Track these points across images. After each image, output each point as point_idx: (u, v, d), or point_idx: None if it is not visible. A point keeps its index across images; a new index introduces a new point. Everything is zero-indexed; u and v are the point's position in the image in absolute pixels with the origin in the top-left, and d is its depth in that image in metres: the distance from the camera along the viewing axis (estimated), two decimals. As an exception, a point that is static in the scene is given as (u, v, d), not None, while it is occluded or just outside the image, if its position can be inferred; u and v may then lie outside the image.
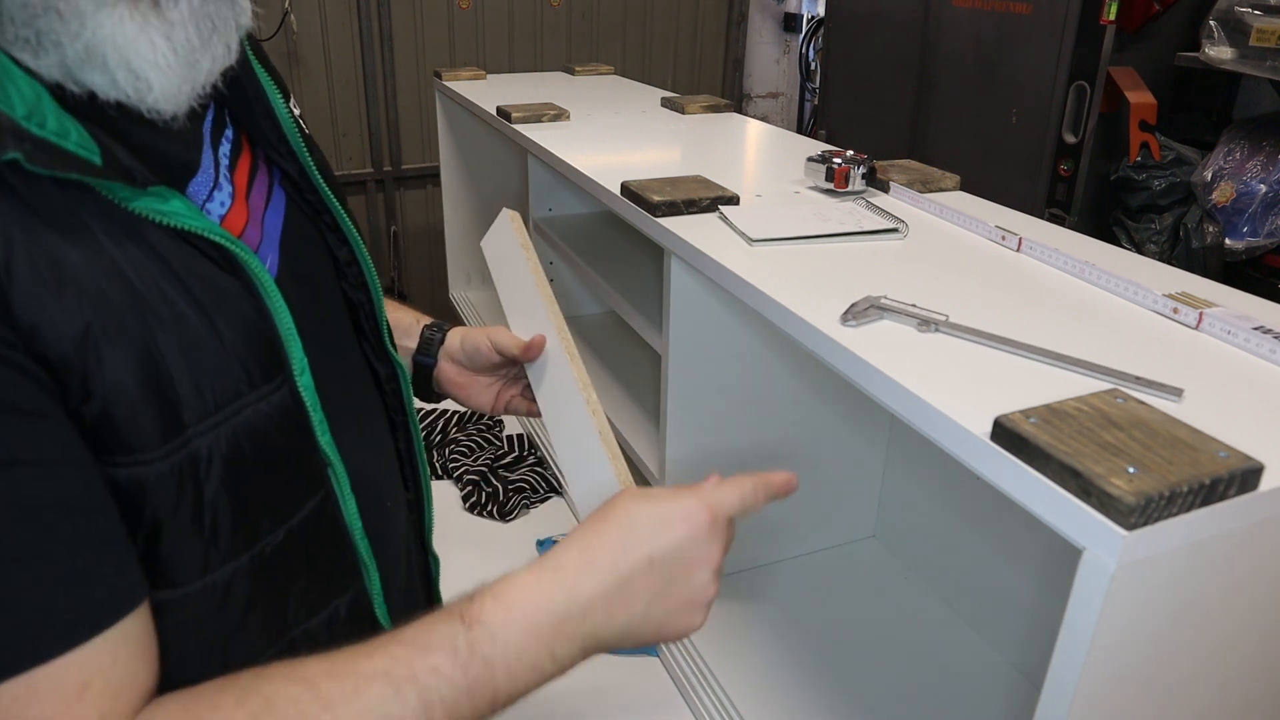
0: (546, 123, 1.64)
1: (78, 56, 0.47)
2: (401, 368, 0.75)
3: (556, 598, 0.55)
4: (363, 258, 0.70)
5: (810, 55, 3.93)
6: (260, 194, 0.62)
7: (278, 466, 0.56)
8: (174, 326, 0.49)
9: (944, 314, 0.79)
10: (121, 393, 0.47)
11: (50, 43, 0.46)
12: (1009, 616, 1.16)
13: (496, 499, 1.56)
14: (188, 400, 0.50)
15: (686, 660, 1.16)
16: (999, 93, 2.39)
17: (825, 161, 1.20)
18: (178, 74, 0.50)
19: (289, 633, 0.59)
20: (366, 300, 0.71)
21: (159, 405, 0.48)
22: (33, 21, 0.45)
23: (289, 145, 0.64)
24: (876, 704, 1.09)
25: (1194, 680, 0.63)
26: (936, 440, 0.65)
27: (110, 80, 0.48)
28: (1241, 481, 0.54)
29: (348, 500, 0.63)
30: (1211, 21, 2.01)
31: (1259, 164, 2.05)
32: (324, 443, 0.60)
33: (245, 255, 0.54)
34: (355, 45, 3.17)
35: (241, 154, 0.61)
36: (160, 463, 0.49)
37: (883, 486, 1.37)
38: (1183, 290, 0.85)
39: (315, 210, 0.67)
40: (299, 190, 0.66)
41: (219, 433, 0.51)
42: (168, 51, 0.49)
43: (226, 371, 0.52)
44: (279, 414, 0.56)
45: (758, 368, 1.17)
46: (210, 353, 0.51)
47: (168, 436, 0.49)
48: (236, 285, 0.54)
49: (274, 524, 0.57)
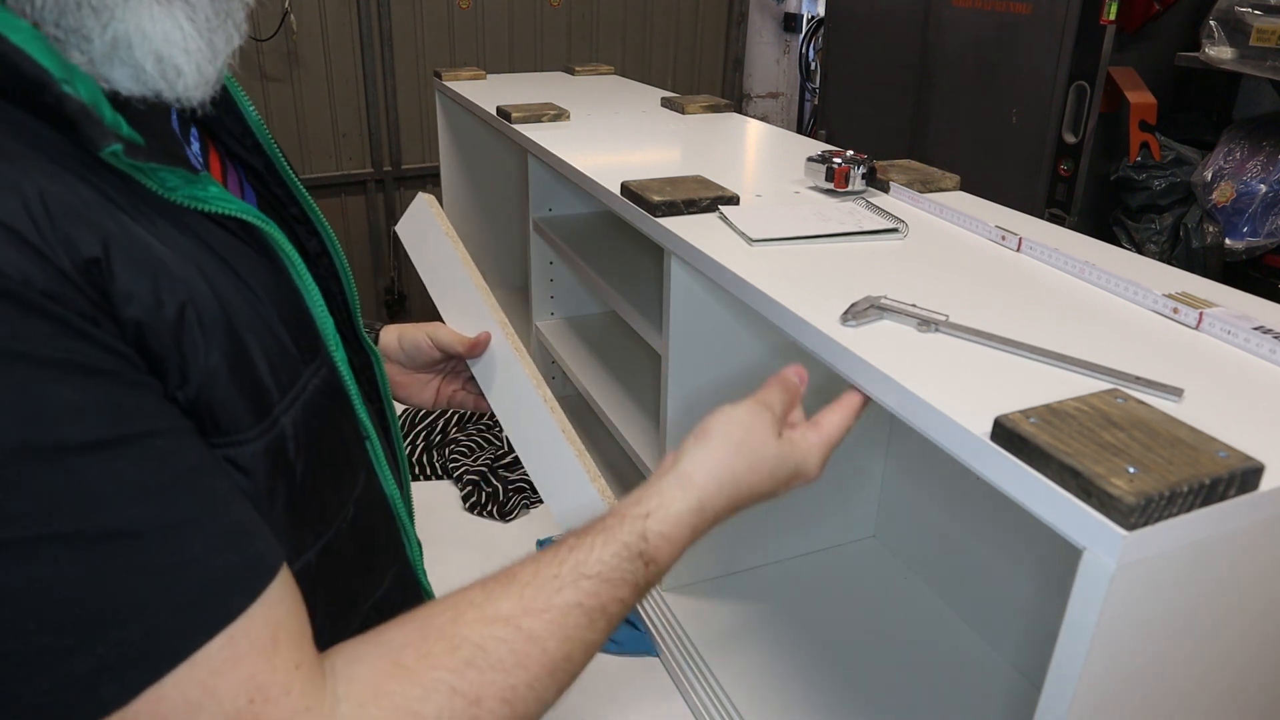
0: (546, 123, 1.64)
1: (104, 52, 0.46)
2: (376, 355, 0.76)
3: (700, 528, 0.63)
4: (333, 247, 0.70)
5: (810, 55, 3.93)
6: (235, 190, 0.62)
7: (337, 442, 0.59)
8: (241, 312, 0.50)
9: (944, 314, 0.79)
10: (215, 375, 0.48)
11: (80, 39, 0.46)
12: (1009, 616, 1.16)
13: (496, 499, 1.56)
14: (267, 380, 0.51)
15: (686, 660, 1.16)
16: (999, 93, 2.39)
17: (825, 161, 1.20)
18: (204, 57, 0.50)
19: (358, 607, 0.62)
20: (339, 290, 0.71)
21: (248, 385, 0.50)
22: (62, 18, 0.45)
23: (254, 139, 0.64)
24: (876, 704, 1.09)
25: (1194, 680, 0.63)
26: (936, 440, 0.65)
27: (136, 74, 0.48)
28: (1241, 481, 0.54)
29: (385, 470, 0.66)
30: (1211, 21, 2.01)
31: (1259, 164, 2.05)
32: (363, 416, 0.63)
33: (278, 235, 0.55)
34: (355, 45, 3.17)
35: (209, 152, 0.62)
36: (255, 442, 0.50)
37: (883, 486, 1.37)
38: (1183, 290, 0.85)
39: (282, 203, 0.67)
40: (265, 186, 0.66)
41: (295, 411, 0.53)
42: (193, 34, 0.49)
43: (286, 352, 0.54)
44: (327, 390, 0.58)
45: (758, 368, 1.17)
46: (272, 334, 0.53)
47: (259, 415, 0.50)
48: (271, 267, 0.55)
49: (343, 499, 0.59)
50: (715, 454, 0.64)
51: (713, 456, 0.64)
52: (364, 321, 0.89)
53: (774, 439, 0.67)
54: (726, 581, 1.29)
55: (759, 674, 1.13)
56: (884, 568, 1.34)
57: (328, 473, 0.57)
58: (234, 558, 0.45)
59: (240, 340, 0.49)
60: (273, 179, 0.66)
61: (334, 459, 0.58)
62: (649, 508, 0.61)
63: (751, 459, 0.65)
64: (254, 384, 0.50)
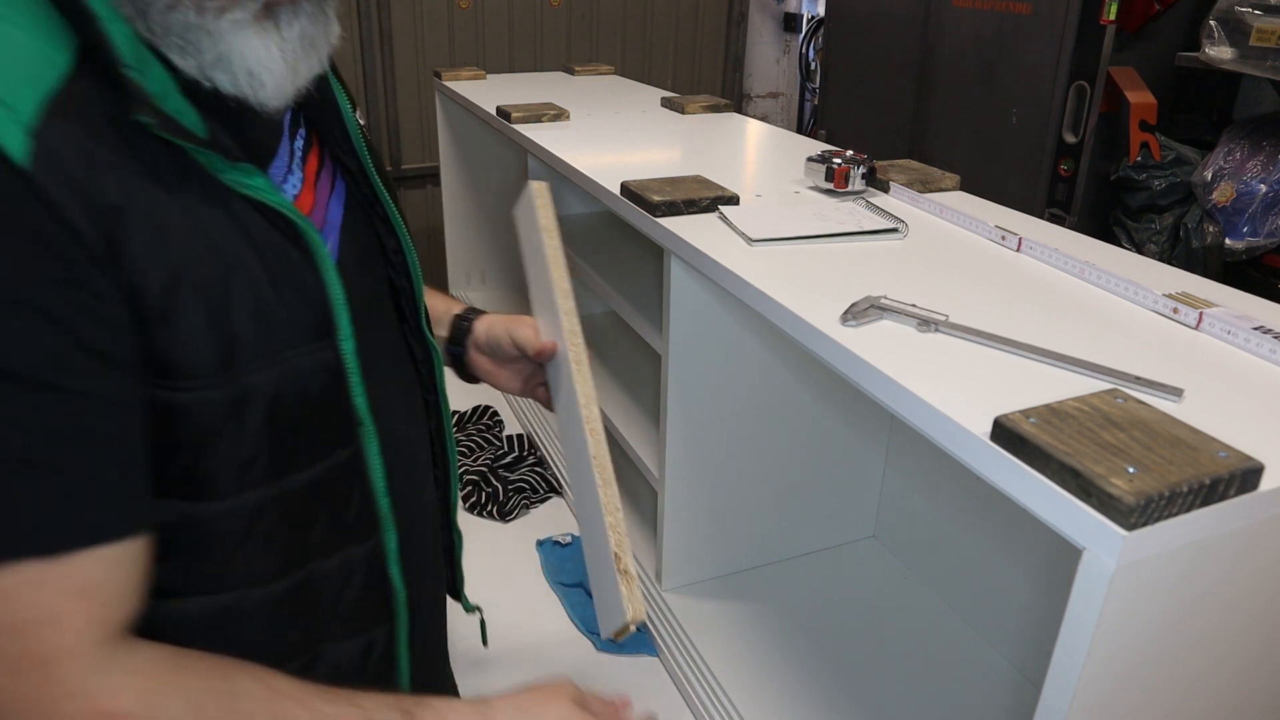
0: (546, 123, 1.64)
1: (212, 61, 0.58)
2: (436, 350, 0.83)
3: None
4: (408, 247, 0.79)
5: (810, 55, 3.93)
6: (325, 184, 0.72)
7: (314, 415, 0.65)
8: (244, 278, 0.59)
9: (944, 314, 0.79)
10: (194, 329, 0.56)
11: (195, 50, 0.58)
12: (1009, 616, 1.15)
13: (496, 499, 1.56)
14: (246, 342, 0.59)
15: (686, 660, 1.16)
16: (999, 93, 2.39)
17: (825, 161, 1.20)
18: (284, 77, 0.61)
19: (306, 564, 0.68)
20: (408, 286, 0.80)
21: (223, 342, 0.57)
22: (185, 33, 0.57)
23: (352, 145, 0.74)
24: (876, 703, 1.09)
25: (1194, 680, 0.63)
26: (936, 440, 0.65)
27: (233, 79, 0.59)
28: (1241, 481, 0.54)
29: (374, 459, 0.70)
30: (1211, 21, 2.01)
31: (1259, 164, 2.05)
32: (358, 403, 0.68)
33: (310, 231, 0.63)
34: (355, 45, 3.17)
35: (311, 149, 0.72)
36: (215, 390, 0.58)
37: (883, 486, 1.37)
38: (1183, 290, 0.85)
39: (369, 202, 0.76)
40: (357, 185, 0.75)
41: (268, 374, 0.60)
42: (279, 59, 0.60)
43: (282, 324, 0.61)
44: (322, 369, 0.64)
45: (758, 368, 1.17)
46: (270, 305, 0.60)
47: (225, 369, 0.58)
48: (299, 256, 0.63)
49: (304, 464, 0.65)
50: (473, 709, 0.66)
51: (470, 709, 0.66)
52: (464, 310, 0.98)
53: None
54: (726, 581, 1.29)
55: (759, 674, 1.13)
56: (884, 568, 1.34)
57: (292, 438, 0.63)
58: (74, 510, 0.52)
59: (226, 296, 0.58)
60: (363, 180, 0.75)
61: (303, 429, 0.64)
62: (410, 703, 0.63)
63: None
64: (231, 342, 0.58)
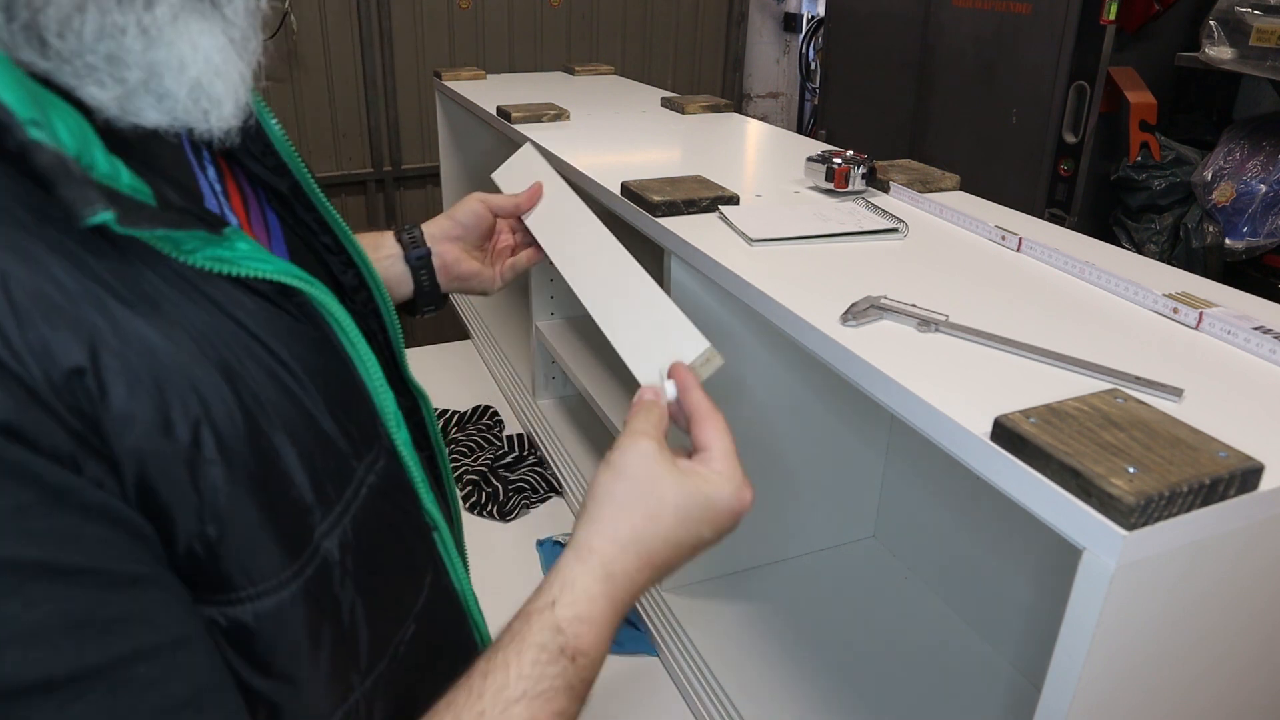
0: (546, 123, 1.64)
1: (140, 80, 0.39)
2: (423, 396, 0.68)
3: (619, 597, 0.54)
4: (372, 279, 0.62)
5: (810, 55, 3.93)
6: (258, 222, 0.53)
7: (397, 546, 0.50)
8: (275, 408, 0.41)
9: (944, 314, 0.79)
10: (245, 507, 0.39)
11: (121, 66, 0.38)
12: (1009, 616, 1.15)
13: (496, 499, 1.56)
14: (308, 498, 0.42)
15: (686, 660, 1.16)
16: (999, 93, 2.39)
17: (825, 161, 1.20)
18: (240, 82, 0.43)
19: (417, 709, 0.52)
20: (380, 328, 0.63)
21: (284, 516, 0.41)
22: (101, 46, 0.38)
23: (278, 158, 0.55)
24: (876, 704, 1.09)
25: (1194, 680, 0.63)
26: (936, 440, 0.65)
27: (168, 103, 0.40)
28: (1241, 481, 0.54)
29: (455, 564, 0.57)
30: (1211, 21, 2.01)
31: (1259, 164, 2.05)
32: (428, 504, 0.54)
33: (324, 297, 0.46)
34: (355, 45, 3.17)
35: (226, 177, 0.52)
36: (293, 583, 0.41)
37: (883, 486, 1.37)
38: (1183, 290, 0.85)
39: (312, 231, 0.58)
40: (290, 210, 0.57)
41: (343, 525, 0.44)
42: (233, 54, 0.42)
43: (334, 449, 0.45)
44: (387, 484, 0.49)
45: (758, 368, 1.17)
46: (315, 431, 0.43)
47: (297, 551, 0.41)
48: (317, 337, 0.46)
49: (403, 615, 0.51)
50: (605, 513, 0.54)
51: (603, 517, 0.54)
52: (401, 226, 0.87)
53: (667, 476, 0.55)
54: (726, 581, 1.29)
55: (759, 674, 1.13)
56: (884, 568, 1.34)
57: (384, 593, 0.49)
58: None
59: (272, 454, 0.40)
60: (300, 203, 0.57)
61: (392, 572, 0.50)
62: (553, 595, 0.51)
63: (648, 506, 0.54)
64: (290, 508, 0.41)
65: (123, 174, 0.37)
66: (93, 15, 0.37)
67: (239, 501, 0.38)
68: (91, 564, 0.33)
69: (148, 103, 0.40)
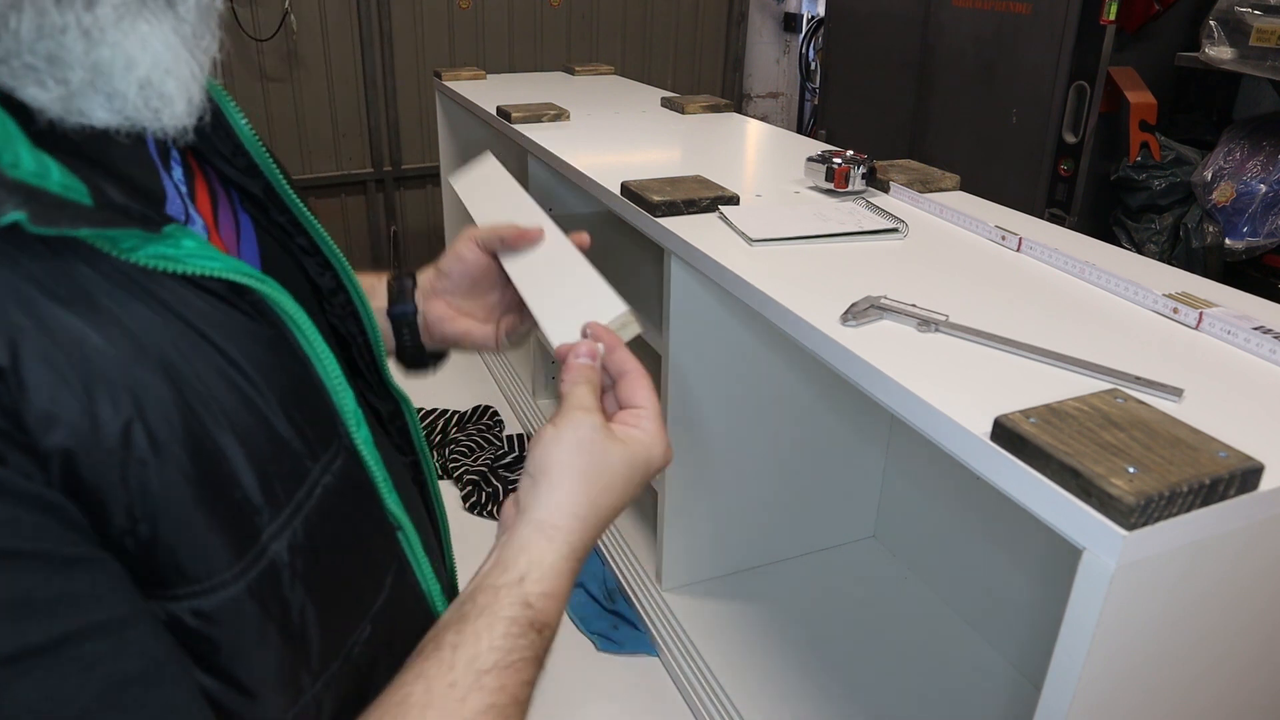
0: (546, 123, 1.64)
1: (84, 80, 0.38)
2: (405, 400, 0.67)
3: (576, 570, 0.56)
4: (350, 282, 0.61)
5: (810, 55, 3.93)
6: (228, 224, 0.52)
7: (355, 546, 0.50)
8: (221, 407, 0.40)
9: (944, 314, 0.79)
10: (179, 507, 0.38)
11: (60, 69, 0.38)
12: (1009, 616, 1.15)
13: (496, 499, 1.56)
14: (255, 498, 0.41)
15: (686, 660, 1.16)
16: (999, 93, 2.39)
17: (825, 161, 1.20)
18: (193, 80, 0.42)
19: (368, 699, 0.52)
20: (359, 331, 0.62)
21: (227, 517, 0.40)
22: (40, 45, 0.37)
23: (249, 158, 0.54)
24: (876, 704, 1.09)
25: (1194, 680, 0.63)
26: (936, 440, 0.65)
27: (117, 103, 0.40)
28: (1241, 481, 0.54)
29: (422, 564, 0.57)
30: (1211, 21, 2.01)
31: (1259, 164, 2.05)
32: (391, 503, 0.53)
33: (277, 295, 0.45)
34: (355, 45, 3.17)
35: (195, 178, 0.51)
36: (235, 584, 0.40)
37: (883, 486, 1.37)
38: (1183, 290, 0.85)
39: (287, 233, 0.57)
40: (264, 211, 0.56)
41: (294, 526, 0.44)
42: (185, 54, 0.41)
43: (287, 449, 0.44)
44: (344, 484, 0.48)
45: (758, 368, 1.17)
46: (266, 430, 0.43)
47: (241, 550, 0.41)
48: (270, 334, 0.45)
49: (360, 616, 0.51)
50: (565, 489, 0.55)
51: (565, 493, 0.55)
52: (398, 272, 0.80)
53: (612, 446, 0.57)
54: (726, 581, 1.29)
55: (759, 674, 1.13)
56: (884, 568, 1.34)
57: (338, 594, 0.48)
58: None
59: (215, 455, 0.40)
60: (274, 204, 0.56)
61: (348, 573, 0.49)
62: (520, 570, 0.52)
63: (603, 478, 0.57)
64: (234, 509, 0.40)
65: (53, 171, 0.37)
66: (29, 15, 0.36)
67: (174, 502, 0.38)
68: (30, 547, 0.33)
69: (97, 102, 0.39)
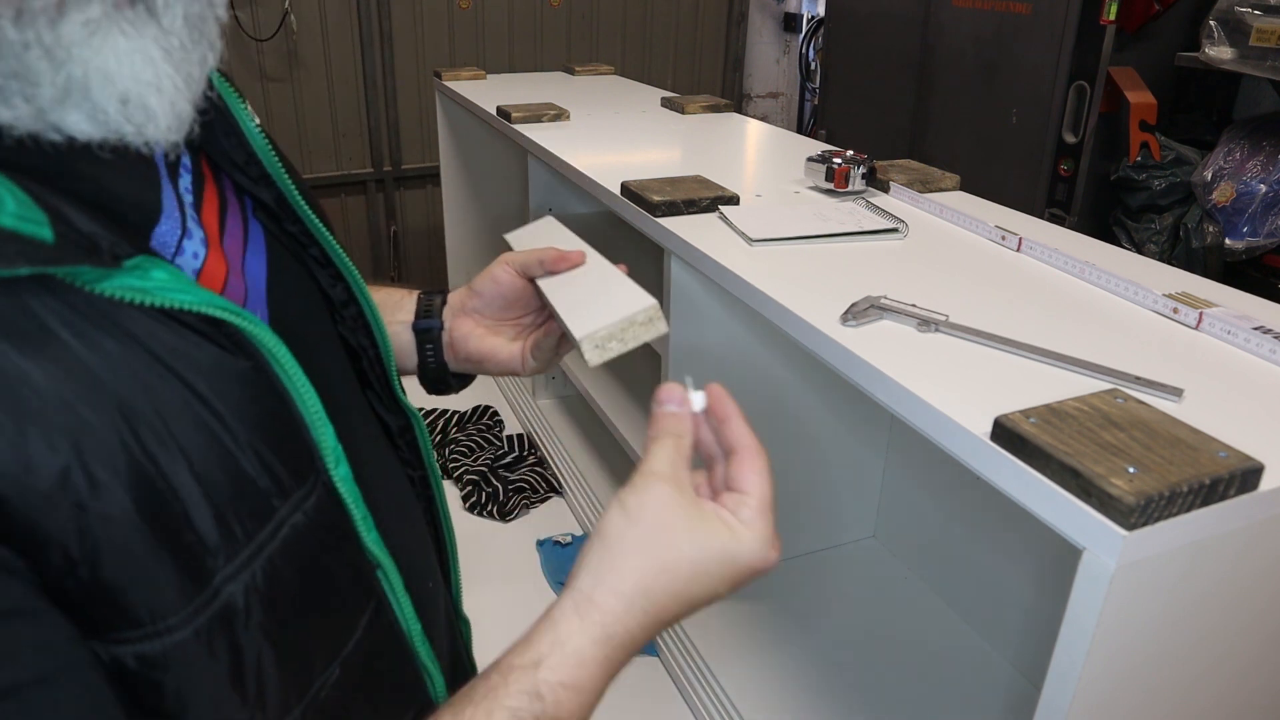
0: (546, 123, 1.64)
1: (55, 97, 0.36)
2: (415, 416, 0.64)
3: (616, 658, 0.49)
4: (362, 295, 0.59)
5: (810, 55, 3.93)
6: (235, 234, 0.51)
7: (324, 588, 0.47)
8: (179, 445, 0.39)
9: (944, 314, 0.79)
10: (121, 550, 0.36)
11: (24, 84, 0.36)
12: (1009, 616, 1.15)
13: (496, 499, 1.56)
14: (210, 539, 0.39)
15: (686, 660, 1.16)
16: (999, 93, 2.39)
17: (825, 161, 1.20)
18: (179, 94, 0.40)
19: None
20: (370, 344, 0.60)
21: (175, 556, 0.38)
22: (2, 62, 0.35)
23: (261, 168, 0.53)
24: (876, 703, 1.09)
25: (1194, 680, 0.63)
26: (936, 440, 0.65)
27: (98, 118, 0.38)
28: (1241, 481, 0.54)
29: (403, 604, 0.53)
30: (1211, 21, 2.01)
31: (1259, 164, 2.05)
32: (369, 542, 0.50)
33: (254, 329, 0.43)
34: (355, 45, 3.17)
35: (205, 185, 0.50)
36: (182, 629, 0.38)
37: (883, 486, 1.37)
38: (1183, 290, 0.85)
39: (300, 243, 0.56)
40: (277, 221, 0.54)
41: (253, 569, 0.41)
42: (168, 69, 0.39)
43: (252, 487, 0.42)
44: (317, 522, 0.45)
45: (758, 368, 1.17)
46: (229, 468, 0.41)
47: (190, 594, 0.38)
48: (246, 368, 0.43)
49: (327, 659, 0.47)
50: (613, 563, 0.48)
51: (610, 566, 0.48)
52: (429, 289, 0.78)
53: (686, 528, 0.49)
54: (726, 581, 1.29)
55: (759, 674, 1.13)
56: (884, 568, 1.34)
57: (302, 638, 0.45)
58: None
59: (166, 495, 0.38)
60: (285, 214, 0.54)
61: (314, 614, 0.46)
62: (539, 652, 0.46)
63: (663, 560, 0.48)
64: (184, 551, 0.38)
65: (7, 202, 0.35)
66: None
67: (116, 545, 0.36)
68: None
69: (76, 117, 0.37)
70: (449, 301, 0.77)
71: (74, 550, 0.35)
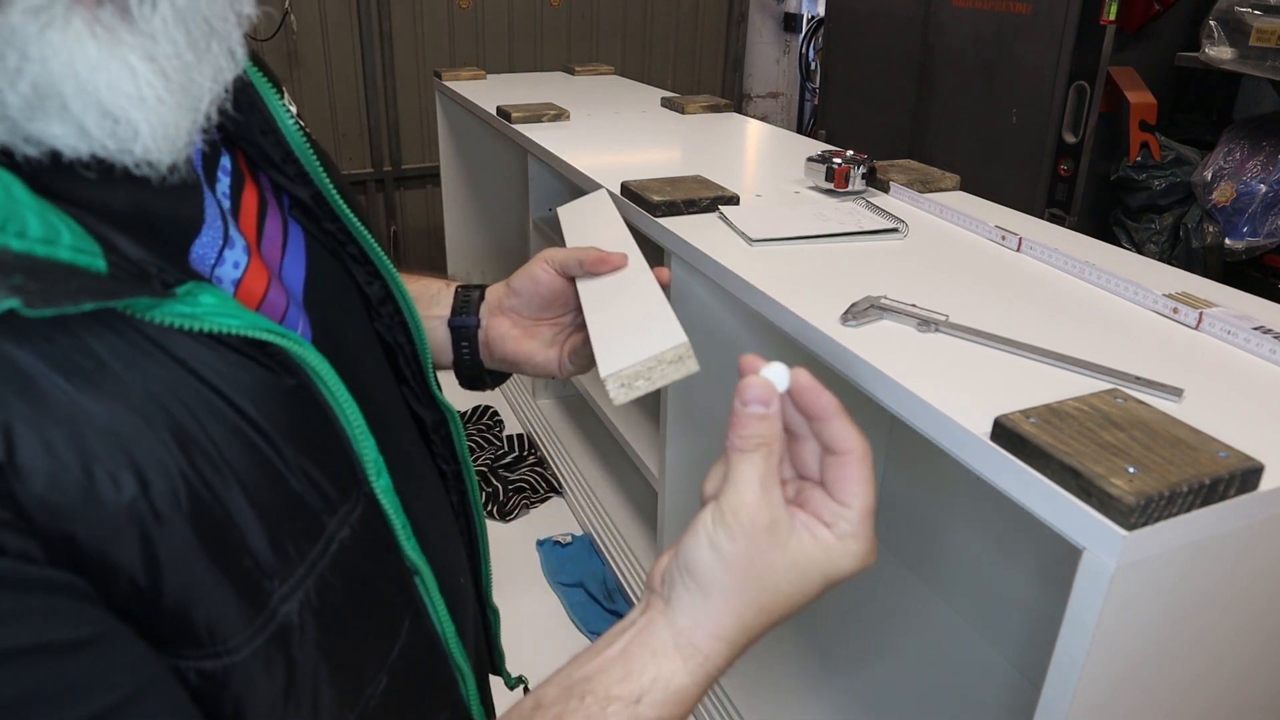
0: (546, 123, 1.64)
1: (25, 103, 0.34)
2: (451, 412, 0.64)
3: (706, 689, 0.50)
4: (399, 292, 0.59)
5: (810, 55, 3.93)
6: (275, 237, 0.50)
7: (370, 598, 0.47)
8: (233, 470, 0.38)
9: (944, 314, 0.79)
10: (184, 577, 0.36)
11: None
12: (1009, 616, 1.15)
13: (496, 499, 1.56)
14: (267, 562, 0.39)
15: (686, 660, 1.16)
16: (999, 93, 2.39)
17: (825, 161, 1.20)
18: (171, 106, 0.37)
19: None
20: (406, 341, 0.60)
21: (234, 580, 0.38)
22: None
23: (299, 166, 0.52)
24: (876, 703, 1.09)
25: (1194, 680, 0.63)
26: (936, 440, 0.65)
27: (76, 129, 0.35)
28: (1241, 481, 0.54)
29: (439, 607, 0.53)
30: (1211, 21, 2.01)
31: (1259, 164, 2.05)
32: (409, 549, 0.50)
33: (299, 349, 0.43)
34: (355, 45, 3.17)
35: (244, 186, 0.48)
36: (242, 649, 0.38)
37: (883, 486, 1.37)
38: (1183, 290, 0.85)
39: (338, 241, 0.55)
40: (314, 219, 0.54)
41: (306, 587, 0.41)
42: (153, 77, 0.36)
43: (303, 507, 0.42)
44: (361, 535, 0.46)
45: (758, 368, 1.17)
46: (281, 489, 0.41)
47: (250, 616, 0.39)
48: (290, 387, 0.43)
49: (376, 668, 0.47)
50: (715, 608, 0.47)
51: (711, 612, 0.47)
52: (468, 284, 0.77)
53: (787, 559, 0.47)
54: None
55: (759, 674, 1.13)
56: (884, 568, 1.34)
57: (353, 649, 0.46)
58: None
59: (224, 523, 0.38)
60: (323, 212, 0.54)
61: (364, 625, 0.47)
62: (641, 687, 0.46)
63: (762, 595, 0.47)
64: (243, 576, 0.39)
65: (63, 234, 0.34)
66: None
67: (180, 572, 0.36)
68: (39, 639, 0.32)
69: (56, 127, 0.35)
70: (486, 298, 0.75)
71: (140, 579, 0.35)
